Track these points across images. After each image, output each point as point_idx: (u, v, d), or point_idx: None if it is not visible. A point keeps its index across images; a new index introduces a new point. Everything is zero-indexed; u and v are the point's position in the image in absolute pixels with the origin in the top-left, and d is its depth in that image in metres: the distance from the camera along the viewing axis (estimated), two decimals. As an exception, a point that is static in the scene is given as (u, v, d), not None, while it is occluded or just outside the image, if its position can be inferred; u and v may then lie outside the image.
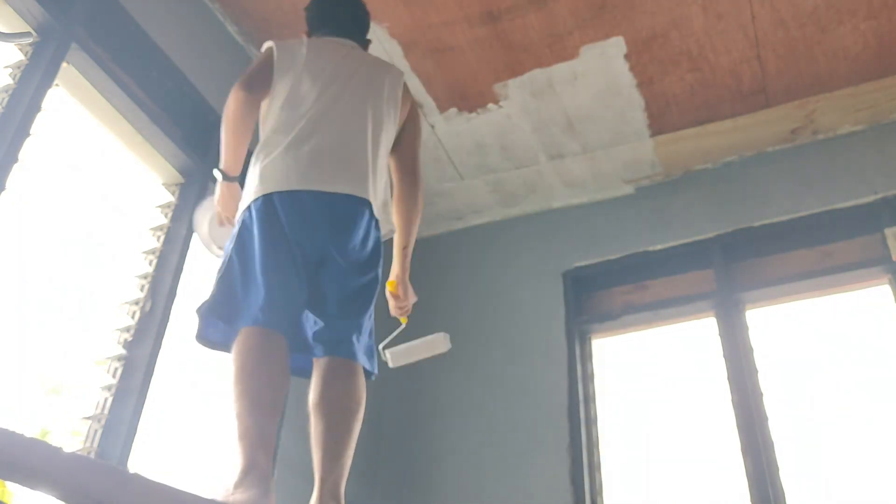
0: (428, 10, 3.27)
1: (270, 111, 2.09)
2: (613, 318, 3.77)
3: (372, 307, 2.04)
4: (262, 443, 1.68)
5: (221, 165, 2.11)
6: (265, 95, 2.11)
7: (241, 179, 2.10)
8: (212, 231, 2.23)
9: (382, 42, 3.38)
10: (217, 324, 1.90)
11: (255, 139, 2.12)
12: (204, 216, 2.26)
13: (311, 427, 1.88)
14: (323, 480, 1.81)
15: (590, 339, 3.82)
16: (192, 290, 2.84)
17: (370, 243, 2.02)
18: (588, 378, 3.69)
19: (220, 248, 2.17)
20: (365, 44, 2.39)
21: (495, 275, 4.08)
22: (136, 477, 1.17)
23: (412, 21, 3.32)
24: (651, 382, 3.64)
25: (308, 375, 1.99)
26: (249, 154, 2.10)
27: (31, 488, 1.06)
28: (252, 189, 1.95)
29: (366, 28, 2.43)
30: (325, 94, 2.08)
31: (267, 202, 1.89)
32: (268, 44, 2.20)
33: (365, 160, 2.03)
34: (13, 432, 1.05)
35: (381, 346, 2.29)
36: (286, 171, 1.93)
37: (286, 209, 1.89)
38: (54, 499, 1.12)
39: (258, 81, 2.10)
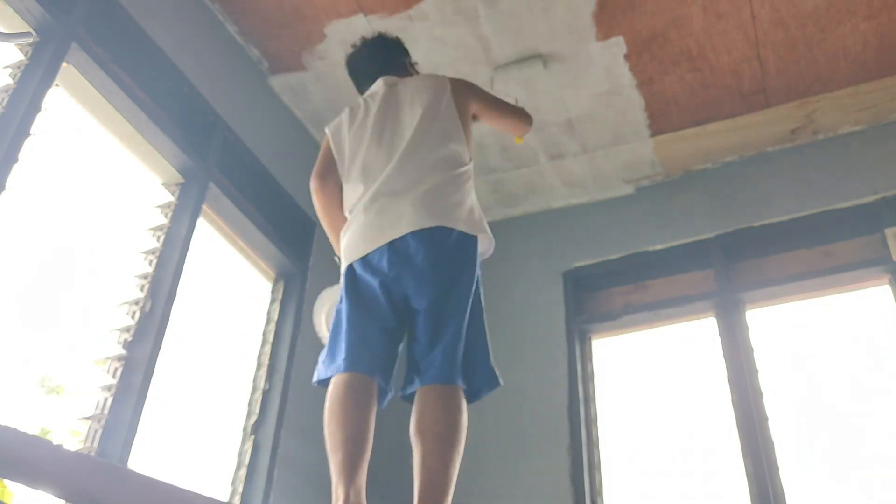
0: (428, 10, 3.28)
1: (344, 187, 2.30)
2: (613, 318, 3.77)
3: (463, 317, 1.98)
4: (342, 476, 1.85)
5: (335, 251, 2.32)
6: (335, 178, 2.32)
7: None
8: (328, 318, 2.34)
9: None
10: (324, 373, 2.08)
11: None
12: (325, 302, 2.39)
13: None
14: None
15: (590, 339, 3.82)
16: (192, 289, 2.85)
17: (444, 259, 2.02)
18: (588, 378, 3.69)
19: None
20: (397, 69, 2.50)
21: (495, 275, 4.07)
22: (136, 475, 1.18)
23: (412, 21, 3.33)
24: (651, 382, 3.64)
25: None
26: None
27: (32, 486, 1.06)
28: (343, 261, 2.18)
29: (387, 56, 2.56)
30: (366, 154, 2.24)
31: (350, 270, 2.12)
32: (326, 129, 2.43)
33: (412, 192, 2.09)
34: (14, 430, 1.05)
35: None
36: (356, 241, 2.12)
37: (365, 272, 2.08)
38: (54, 498, 1.12)
39: (324, 168, 2.35)
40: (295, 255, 3.45)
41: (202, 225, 3.02)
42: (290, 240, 3.45)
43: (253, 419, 3.05)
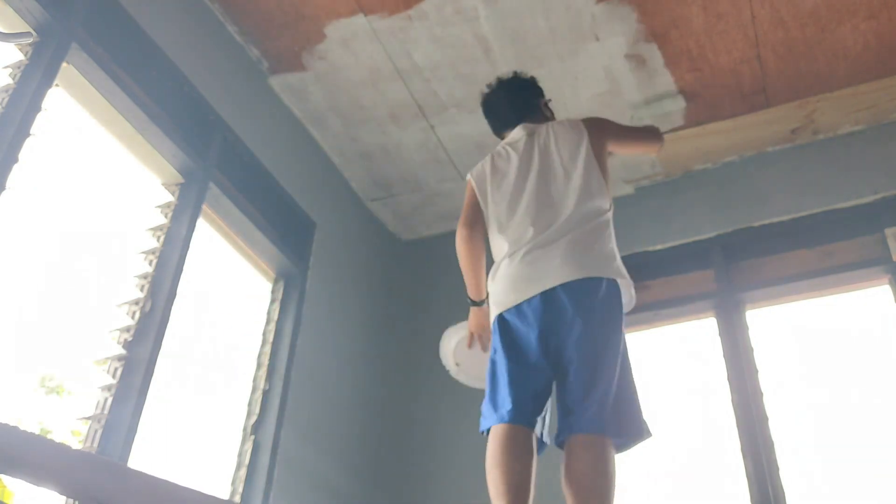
0: (428, 10, 3.28)
1: (489, 236, 2.36)
2: (613, 318, 3.77)
3: (615, 367, 2.03)
4: None
5: (468, 293, 2.41)
6: (482, 226, 2.38)
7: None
8: (457, 349, 2.53)
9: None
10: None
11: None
12: (455, 334, 2.53)
13: None
14: None
15: (590, 340, 3.81)
16: (192, 289, 2.85)
17: (594, 310, 2.07)
18: (588, 378, 3.68)
19: (458, 364, 2.53)
20: (533, 113, 2.55)
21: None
22: (137, 473, 1.17)
23: (412, 21, 3.32)
24: (651, 382, 3.64)
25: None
26: None
27: (34, 484, 1.06)
28: (492, 311, 2.23)
29: (524, 99, 2.61)
30: (510, 205, 2.31)
31: (501, 320, 2.17)
32: (468, 176, 2.48)
33: (559, 243, 2.16)
34: (15, 428, 1.05)
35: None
36: (506, 292, 2.17)
37: (519, 323, 2.14)
38: (55, 496, 1.12)
39: (472, 216, 2.40)
40: (295, 255, 3.45)
41: (202, 225, 3.02)
42: (290, 240, 3.45)
43: (253, 419, 3.05)
